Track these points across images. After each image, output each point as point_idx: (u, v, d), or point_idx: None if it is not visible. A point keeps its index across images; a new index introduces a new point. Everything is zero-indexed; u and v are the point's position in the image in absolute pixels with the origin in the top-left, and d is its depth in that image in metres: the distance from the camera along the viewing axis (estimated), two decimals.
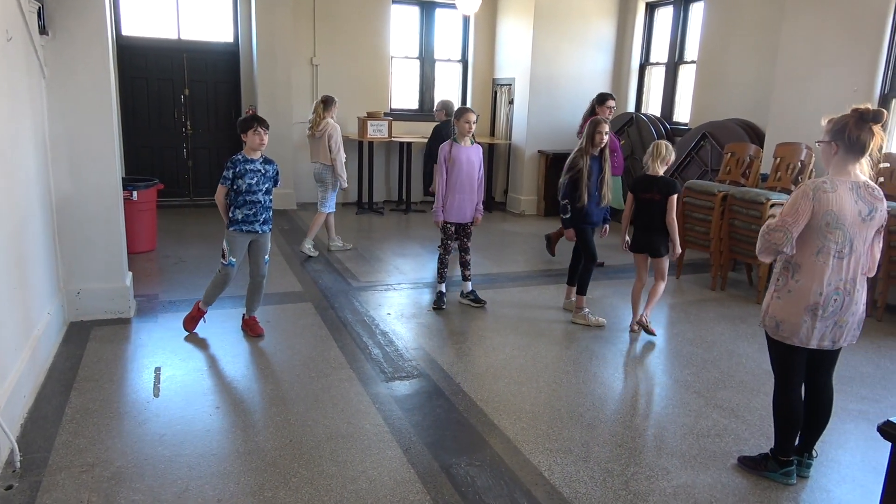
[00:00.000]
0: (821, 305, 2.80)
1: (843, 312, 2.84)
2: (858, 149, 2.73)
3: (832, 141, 2.77)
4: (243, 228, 4.40)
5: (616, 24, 9.56)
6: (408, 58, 10.12)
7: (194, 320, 4.61)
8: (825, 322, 2.84)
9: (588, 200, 4.91)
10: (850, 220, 2.75)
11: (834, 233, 2.76)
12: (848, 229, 2.76)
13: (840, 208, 2.74)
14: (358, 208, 9.40)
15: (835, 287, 2.81)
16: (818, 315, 2.82)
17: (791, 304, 2.85)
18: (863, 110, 2.70)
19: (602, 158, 4.96)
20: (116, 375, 3.91)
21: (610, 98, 6.43)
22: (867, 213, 2.77)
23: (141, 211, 6.57)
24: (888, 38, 5.82)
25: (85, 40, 4.38)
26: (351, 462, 3.08)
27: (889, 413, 3.79)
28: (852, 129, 2.70)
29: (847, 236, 2.77)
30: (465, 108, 5.28)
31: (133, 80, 8.84)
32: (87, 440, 3.18)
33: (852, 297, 2.84)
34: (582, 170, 4.88)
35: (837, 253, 2.78)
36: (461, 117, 5.14)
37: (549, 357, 4.44)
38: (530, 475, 3.03)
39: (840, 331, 2.89)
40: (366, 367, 4.14)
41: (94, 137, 4.54)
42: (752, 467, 3.14)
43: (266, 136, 4.37)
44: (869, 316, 5.42)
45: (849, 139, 2.72)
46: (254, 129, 4.32)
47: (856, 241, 2.79)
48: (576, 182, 4.91)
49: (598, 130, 4.87)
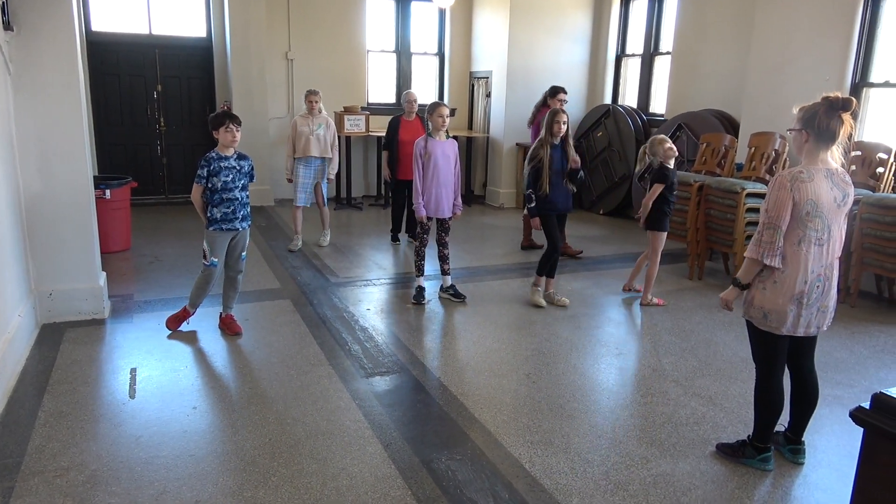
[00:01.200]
0: (805, 294, 2.83)
1: (824, 298, 2.89)
2: (829, 136, 2.75)
3: (803, 129, 2.79)
4: (223, 227, 4.35)
5: (592, 16, 9.58)
6: (384, 51, 10.06)
7: (179, 320, 4.56)
8: (810, 310, 2.87)
9: (552, 189, 5.03)
10: (828, 207, 2.78)
11: (814, 221, 2.78)
12: (826, 216, 2.79)
13: (818, 196, 2.77)
14: (336, 204, 9.34)
15: (817, 274, 2.84)
16: (804, 303, 2.85)
17: (777, 294, 2.86)
18: (832, 98, 2.72)
19: (564, 147, 5.05)
20: (91, 377, 3.85)
21: (562, 91, 6.60)
22: (841, 198, 2.81)
23: (114, 209, 6.47)
24: (858, 27, 5.90)
25: (51, 36, 4.29)
26: (331, 459, 3.05)
27: (863, 398, 3.84)
28: (822, 117, 2.73)
29: (825, 223, 2.80)
30: (437, 102, 5.24)
31: (104, 76, 8.69)
32: (61, 444, 3.12)
33: (831, 282, 2.90)
34: (543, 159, 5.01)
35: (818, 240, 2.81)
36: (434, 112, 5.10)
37: (528, 349, 4.45)
38: (511, 468, 3.03)
39: (823, 316, 2.93)
40: (345, 364, 4.12)
41: (64, 135, 4.45)
42: (729, 454, 3.17)
43: (238, 133, 4.31)
44: (842, 302, 5.51)
45: (819, 127, 2.74)
46: (225, 126, 4.26)
47: (833, 226, 2.82)
48: (537, 172, 5.05)
49: (557, 120, 5.00)
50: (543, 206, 5.11)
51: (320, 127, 6.59)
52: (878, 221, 5.15)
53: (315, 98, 6.58)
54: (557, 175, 5.07)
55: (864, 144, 5.87)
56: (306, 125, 6.56)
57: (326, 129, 6.65)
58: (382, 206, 9.40)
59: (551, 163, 5.02)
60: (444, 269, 5.44)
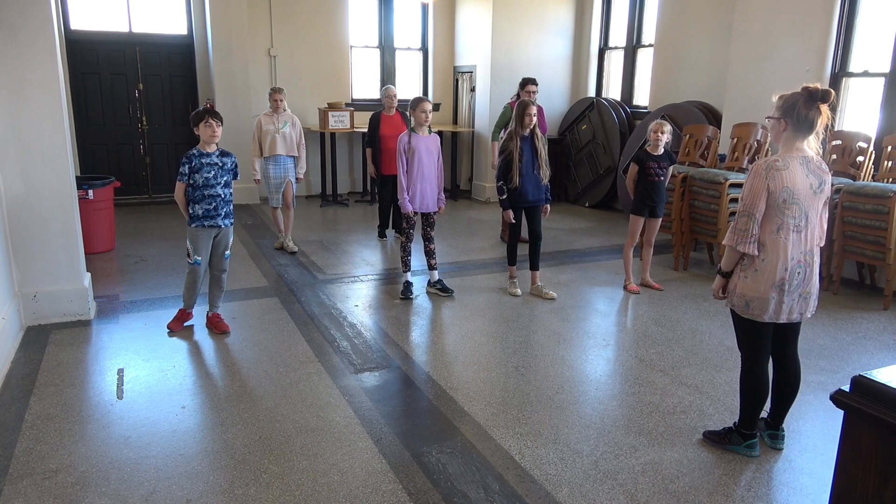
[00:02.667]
0: (787, 280, 2.87)
1: (805, 284, 2.93)
2: (807, 126, 2.80)
3: (782, 117, 2.83)
4: (205, 224, 4.34)
5: (574, 9, 9.61)
6: (367, 47, 10.03)
7: (180, 321, 4.56)
8: (791, 296, 2.91)
9: (523, 181, 5.08)
10: (804, 193, 2.83)
11: (791, 208, 2.82)
12: (803, 203, 2.83)
13: (794, 184, 2.81)
14: (322, 200, 9.32)
15: (797, 261, 2.88)
16: (785, 290, 2.88)
17: (759, 282, 2.89)
18: (812, 89, 2.76)
19: (534, 138, 5.09)
20: (78, 379, 3.82)
21: (530, 83, 6.67)
22: (817, 185, 2.86)
23: (98, 210, 6.41)
24: (837, 18, 5.96)
25: (29, 34, 4.24)
26: (322, 455, 3.06)
27: (847, 383, 3.92)
28: (801, 107, 2.77)
29: (802, 210, 2.84)
30: (420, 97, 5.23)
31: (84, 75, 8.59)
32: (49, 446, 3.10)
33: (812, 268, 2.93)
34: (513, 152, 5.04)
35: (795, 227, 2.85)
36: (416, 107, 5.11)
37: (517, 342, 4.47)
38: (501, 459, 3.05)
39: (805, 302, 2.97)
40: (334, 360, 4.12)
41: (44, 135, 4.40)
42: (716, 441, 3.21)
43: (219, 129, 4.29)
44: (825, 290, 5.59)
45: (798, 116, 2.78)
46: (205, 120, 4.24)
47: (810, 213, 2.87)
48: (508, 164, 5.09)
49: (527, 112, 5.03)
50: (514, 199, 5.16)
51: (286, 125, 6.41)
52: (859, 209, 5.22)
53: (280, 96, 6.43)
54: (528, 167, 5.11)
55: (844, 133, 5.94)
56: (271, 123, 6.38)
57: (292, 127, 6.47)
58: (369, 202, 9.38)
59: (521, 154, 5.06)
60: (430, 263, 5.45)
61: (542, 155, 5.14)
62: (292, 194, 6.64)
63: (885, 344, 4.53)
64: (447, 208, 5.47)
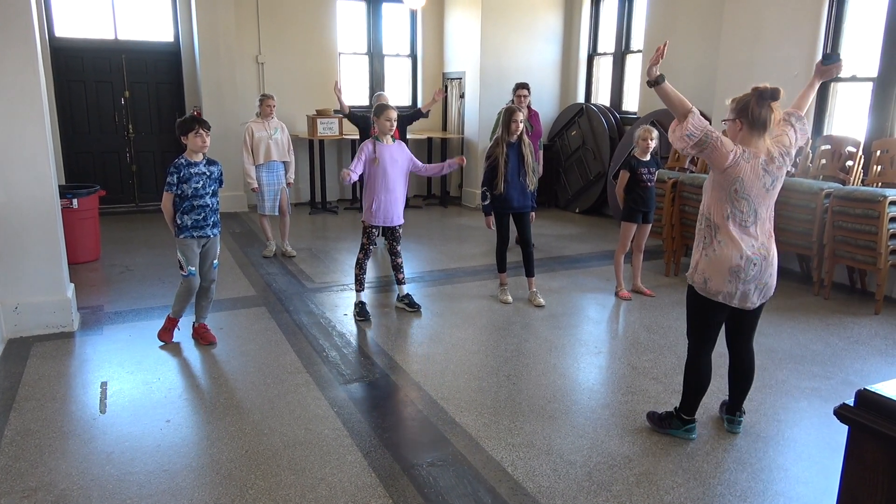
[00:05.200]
0: (742, 269, 2.97)
1: (762, 276, 3.03)
2: (760, 124, 2.93)
3: (736, 118, 2.96)
4: (194, 234, 4.25)
5: (563, 15, 9.61)
6: (356, 54, 9.99)
7: (168, 331, 4.46)
8: (747, 285, 3.01)
9: (507, 187, 5.03)
10: (756, 192, 2.96)
11: (740, 202, 2.96)
12: (753, 200, 2.97)
13: (749, 180, 2.93)
14: (311, 208, 9.25)
15: (752, 252, 2.98)
16: (741, 278, 2.99)
17: (716, 263, 3.01)
18: (762, 89, 2.90)
19: (521, 145, 5.02)
20: (60, 393, 3.73)
21: (522, 88, 6.69)
22: (770, 183, 2.98)
23: (82, 219, 6.32)
24: (824, 23, 5.97)
25: (10, 41, 4.16)
26: (310, 469, 2.99)
27: (840, 389, 3.89)
28: (754, 107, 2.90)
29: (752, 206, 2.97)
30: (384, 104, 4.92)
31: (69, 83, 8.49)
32: (28, 463, 3.01)
33: (768, 259, 3.03)
34: (498, 158, 4.99)
35: (742, 222, 2.98)
36: (381, 115, 4.81)
37: (508, 350, 4.42)
38: (493, 472, 2.99)
39: (760, 292, 3.07)
40: (323, 371, 4.05)
41: (26, 144, 4.33)
42: (657, 424, 3.36)
43: (208, 138, 4.22)
44: (816, 295, 5.58)
45: (751, 116, 2.91)
46: (195, 131, 4.16)
47: (760, 209, 3.00)
48: (493, 170, 5.05)
49: (514, 119, 4.97)
50: (498, 205, 5.11)
51: (277, 131, 6.45)
52: (849, 214, 5.21)
53: (273, 102, 6.48)
54: (513, 173, 5.05)
55: (833, 138, 5.94)
56: (263, 130, 6.39)
57: (282, 133, 6.52)
58: (358, 209, 9.31)
59: (507, 161, 5.00)
60: (398, 278, 5.19)
61: (529, 162, 5.08)
62: (287, 200, 6.70)
63: (877, 349, 4.51)
64: (437, 215, 5.39)
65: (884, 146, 5.51)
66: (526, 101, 6.69)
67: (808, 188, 5.52)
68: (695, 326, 3.23)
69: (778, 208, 5.63)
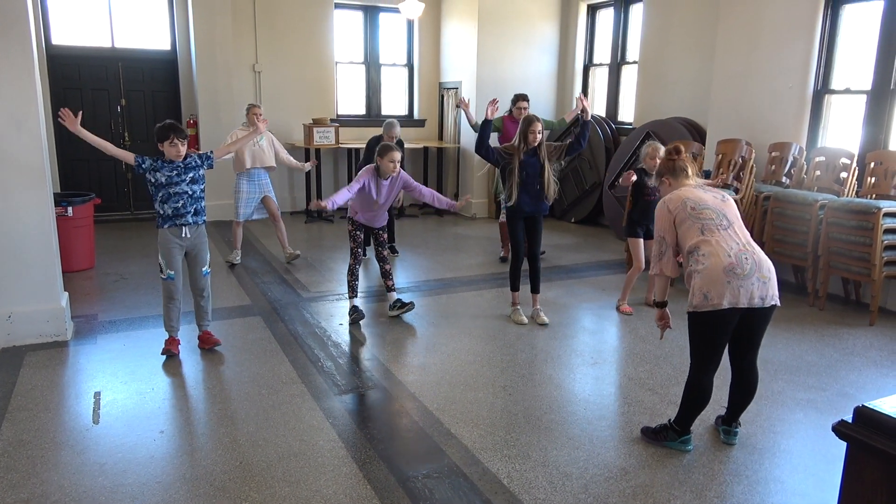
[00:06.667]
0: (736, 265, 2.99)
1: (760, 268, 3.03)
2: (680, 171, 3.31)
3: (661, 178, 3.40)
4: (176, 222, 4.18)
5: (559, 26, 9.66)
6: (353, 63, 10.01)
7: (172, 346, 4.35)
8: (749, 280, 2.99)
9: (523, 194, 4.92)
10: (711, 202, 3.14)
11: (704, 211, 3.10)
12: (713, 207, 3.12)
13: (695, 195, 3.15)
14: (307, 217, 9.24)
15: (738, 250, 3.03)
16: (738, 274, 2.98)
17: (709, 272, 3.01)
18: (668, 149, 3.41)
19: (539, 155, 4.92)
20: (53, 403, 3.70)
21: (521, 99, 6.78)
22: (721, 197, 3.20)
23: (77, 227, 6.30)
24: (818, 36, 6.01)
25: (6, 49, 4.16)
26: (305, 481, 2.97)
27: (836, 401, 3.89)
28: (665, 164, 3.37)
29: (718, 212, 3.10)
30: (388, 145, 4.94)
31: (66, 90, 8.48)
32: (20, 475, 2.99)
33: (758, 255, 3.07)
34: (514, 169, 4.88)
35: (719, 225, 3.08)
36: (385, 156, 4.84)
37: (504, 361, 4.41)
38: (489, 484, 2.98)
39: (765, 286, 3.02)
40: (318, 381, 4.03)
41: (21, 151, 4.32)
42: (652, 438, 3.35)
43: (183, 148, 4.18)
44: (811, 306, 5.59)
45: (669, 170, 3.35)
46: (170, 140, 4.13)
47: (728, 214, 3.13)
48: (505, 173, 4.97)
49: (532, 130, 4.85)
50: (510, 212, 5.05)
51: (262, 139, 6.56)
52: (843, 225, 5.23)
53: (259, 111, 6.55)
54: (530, 179, 4.91)
55: (828, 150, 5.97)
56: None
57: (268, 141, 6.65)
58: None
59: (526, 168, 4.88)
60: (387, 285, 5.22)
61: (548, 174, 4.94)
62: (275, 206, 6.78)
63: (872, 360, 4.52)
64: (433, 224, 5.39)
65: (878, 158, 5.55)
66: (525, 113, 6.69)
67: (803, 200, 5.55)
68: (700, 352, 3.17)
69: (773, 219, 5.73)
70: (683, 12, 7.69)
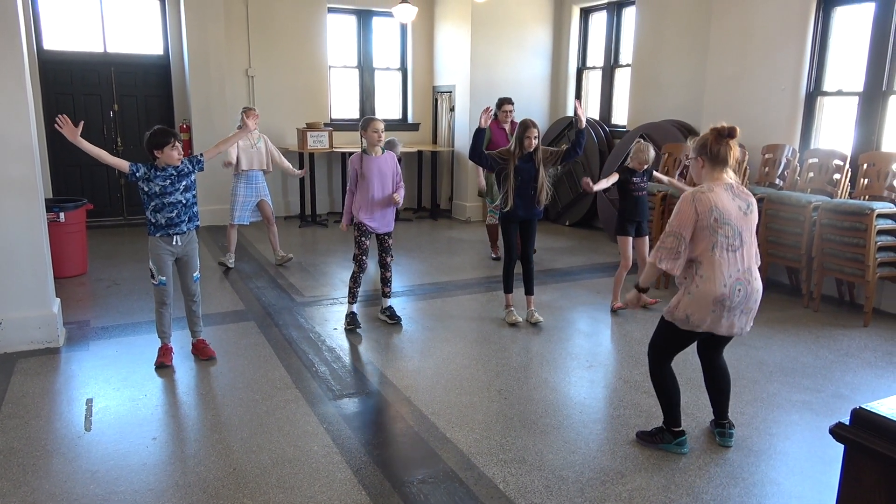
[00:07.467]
0: (727, 297, 3.00)
1: (748, 301, 3.08)
2: (721, 161, 3.07)
3: (698, 156, 3.11)
4: (169, 232, 4.13)
5: (552, 29, 9.67)
6: (346, 67, 10.01)
7: (165, 356, 4.29)
8: (734, 313, 3.05)
9: (517, 198, 4.90)
10: (734, 214, 3.02)
11: (724, 227, 2.99)
12: (734, 223, 3.01)
13: (722, 205, 3.00)
14: (301, 221, 9.21)
15: (735, 278, 3.02)
16: (726, 306, 3.02)
17: (700, 297, 3.03)
18: (720, 128, 3.06)
19: (535, 159, 4.90)
20: (44, 410, 3.67)
21: (507, 103, 6.79)
22: (745, 207, 3.07)
23: (69, 233, 6.26)
24: (810, 39, 6.04)
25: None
26: (299, 487, 2.95)
27: (832, 403, 3.89)
28: (713, 144, 3.05)
29: (735, 230, 3.01)
30: (370, 117, 4.98)
31: (58, 96, 8.44)
32: (11, 483, 2.95)
33: (752, 285, 3.08)
34: (509, 174, 4.86)
35: (730, 246, 3.01)
36: (368, 127, 4.83)
37: (499, 365, 4.40)
38: (485, 488, 2.96)
39: (745, 318, 3.12)
40: (312, 386, 4.01)
41: (12, 157, 4.29)
42: (648, 441, 3.36)
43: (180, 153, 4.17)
44: (805, 307, 5.60)
45: (711, 153, 3.06)
46: (171, 143, 4.10)
47: (744, 233, 3.04)
48: (501, 177, 4.96)
49: (528, 135, 4.82)
50: (504, 216, 5.03)
51: (259, 141, 6.59)
52: (837, 227, 5.24)
53: (255, 114, 6.54)
54: (525, 184, 4.91)
55: (820, 151, 5.99)
56: (246, 139, 6.44)
57: (264, 144, 6.67)
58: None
59: (521, 173, 4.86)
60: (384, 291, 5.19)
61: (542, 179, 4.92)
62: (270, 209, 6.80)
63: (867, 361, 4.52)
64: (427, 227, 5.36)
65: (870, 159, 5.56)
66: (511, 116, 6.71)
67: (797, 201, 5.56)
68: (659, 345, 3.30)
69: (767, 221, 5.73)
70: (676, 15, 7.71)
